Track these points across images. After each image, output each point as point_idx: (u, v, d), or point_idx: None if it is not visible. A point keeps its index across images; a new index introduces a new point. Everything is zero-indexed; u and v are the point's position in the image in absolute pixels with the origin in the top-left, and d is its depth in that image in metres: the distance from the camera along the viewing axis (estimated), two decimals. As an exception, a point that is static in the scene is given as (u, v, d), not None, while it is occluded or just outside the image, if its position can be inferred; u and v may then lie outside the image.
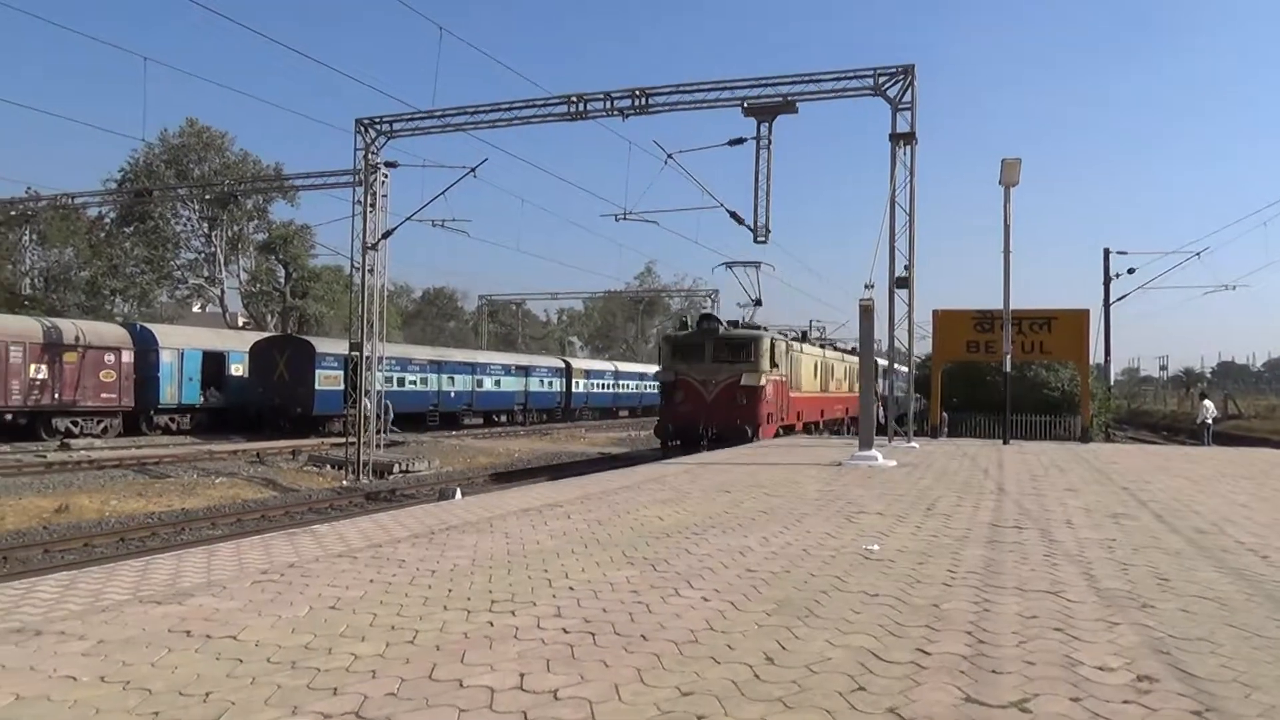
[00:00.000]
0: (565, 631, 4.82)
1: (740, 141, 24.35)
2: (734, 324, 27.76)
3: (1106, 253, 39.21)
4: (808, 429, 31.51)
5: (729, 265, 29.01)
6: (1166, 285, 70.35)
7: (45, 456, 25.49)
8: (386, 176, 26.87)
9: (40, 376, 29.57)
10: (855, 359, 32.49)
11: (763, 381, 25.77)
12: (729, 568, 6.56)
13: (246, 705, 3.70)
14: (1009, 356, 23.66)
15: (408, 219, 27.27)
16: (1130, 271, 38.71)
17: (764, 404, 25.94)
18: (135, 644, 4.55)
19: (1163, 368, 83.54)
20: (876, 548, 7.40)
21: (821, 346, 37.25)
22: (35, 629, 4.82)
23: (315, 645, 4.55)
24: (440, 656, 4.38)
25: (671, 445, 25.78)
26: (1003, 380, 24.19)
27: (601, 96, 24.87)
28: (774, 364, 26.52)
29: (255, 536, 8.06)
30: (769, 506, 10.13)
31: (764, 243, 24.46)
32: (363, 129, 26.90)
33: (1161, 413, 64.44)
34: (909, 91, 22.26)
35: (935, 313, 28.25)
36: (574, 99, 25.11)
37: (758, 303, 29.08)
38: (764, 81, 23.78)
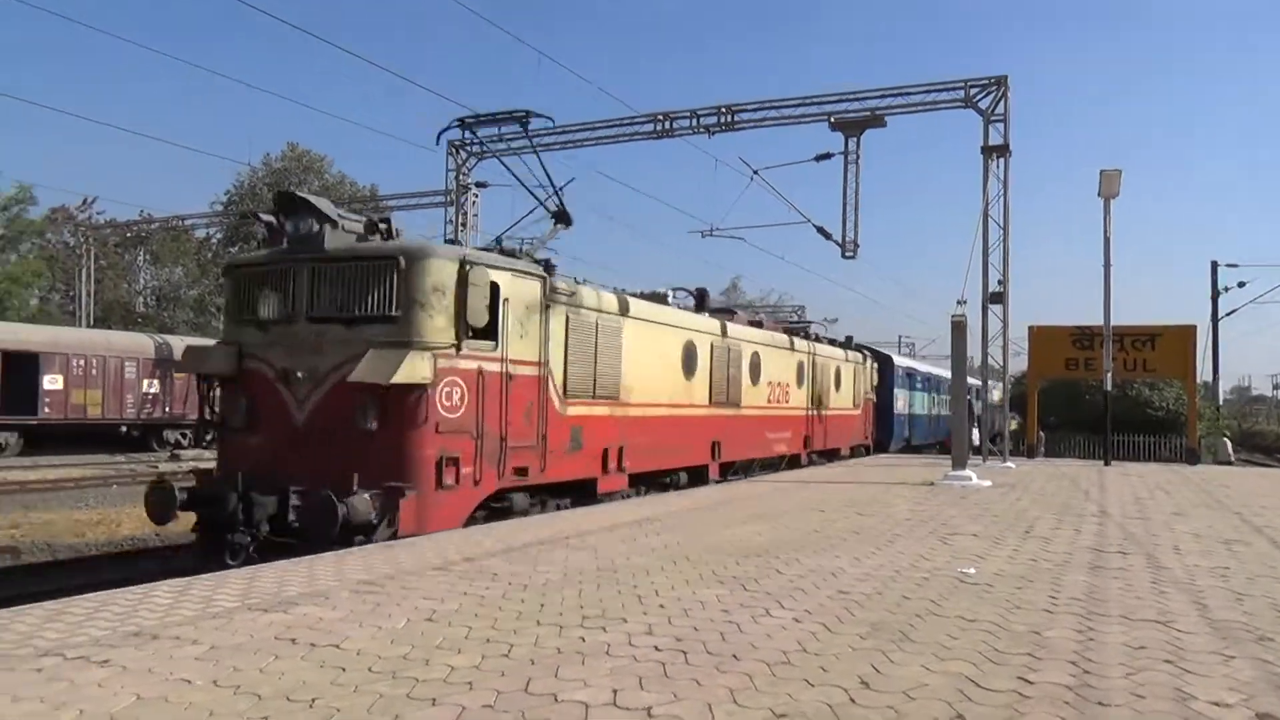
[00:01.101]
0: (657, 649, 4.83)
1: (827, 156, 24.21)
2: (375, 225, 10.02)
3: (1214, 265, 37.54)
4: (697, 477, 15.71)
5: None
6: (1280, 299, 66.68)
7: (157, 467, 26.74)
8: (477, 196, 27.50)
9: (152, 391, 31.10)
10: (853, 359, 25.44)
11: (426, 373, 9.23)
12: (820, 588, 6.48)
13: (350, 713, 3.82)
14: (1110, 374, 22.79)
15: (498, 238, 27.82)
16: (1240, 285, 36.93)
17: (430, 434, 9.40)
18: (244, 650, 4.74)
19: (1276, 386, 79.28)
20: (973, 571, 7.21)
21: (756, 324, 20.00)
22: (152, 633, 5.06)
23: (413, 656, 4.66)
24: (535, 670, 4.44)
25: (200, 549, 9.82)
26: (1103, 399, 23.29)
27: (688, 114, 25.03)
28: (495, 329, 10.17)
29: (355, 547, 8.30)
30: (859, 526, 9.97)
31: (852, 258, 24.20)
32: (454, 150, 27.60)
33: (1275, 433, 61.04)
34: (1002, 103, 21.78)
35: (1031, 329, 27.32)
36: (661, 117, 25.32)
37: None
38: (851, 96, 23.61)
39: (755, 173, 24.06)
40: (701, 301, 17.85)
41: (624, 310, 13.15)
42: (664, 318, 14.58)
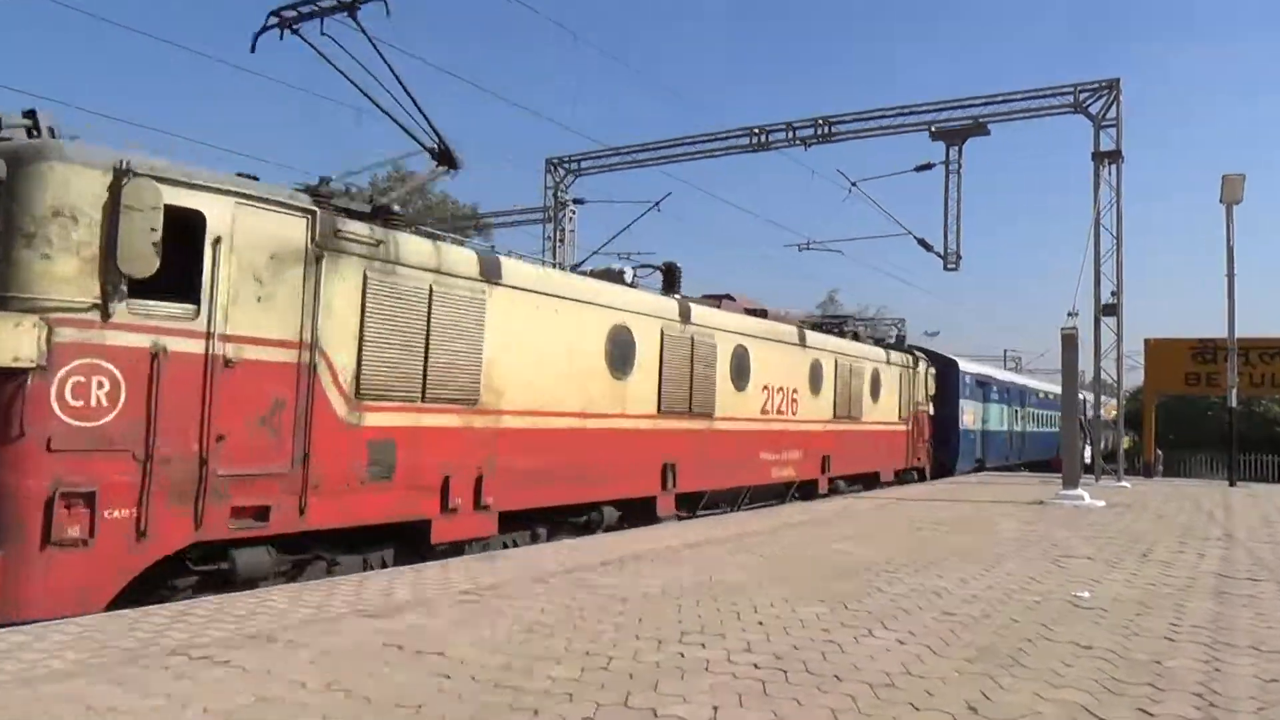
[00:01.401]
0: (756, 667, 4.79)
1: (928, 167, 23.68)
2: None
3: (1352, 274, 35.08)
4: (642, 513, 11.66)
5: None
6: None
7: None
8: (574, 213, 27.88)
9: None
10: (898, 361, 20.21)
11: (28, 352, 5.84)
12: (924, 609, 6.32)
13: (455, 720, 3.90)
14: (1234, 390, 21.57)
15: (594, 253, 28.11)
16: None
17: (33, 453, 5.86)
18: (354, 655, 4.89)
19: None
20: (1087, 595, 6.92)
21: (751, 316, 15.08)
22: (269, 635, 5.28)
23: (515, 666, 4.73)
24: (634, 684, 4.45)
25: None
26: (1228, 415, 22.05)
27: (783, 127, 24.85)
28: (196, 286, 6.72)
29: (458, 557, 8.49)
30: (964, 546, 9.68)
31: (954, 269, 23.58)
32: (552, 168, 28.10)
33: None
34: (1114, 107, 20.95)
35: (1147, 342, 26.05)
36: (756, 130, 25.22)
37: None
38: (952, 104, 23.08)
39: (853, 185, 23.69)
40: (671, 281, 13.48)
41: (489, 275, 9.11)
42: (572, 290, 10.43)
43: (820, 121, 24.42)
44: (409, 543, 8.43)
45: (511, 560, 8.28)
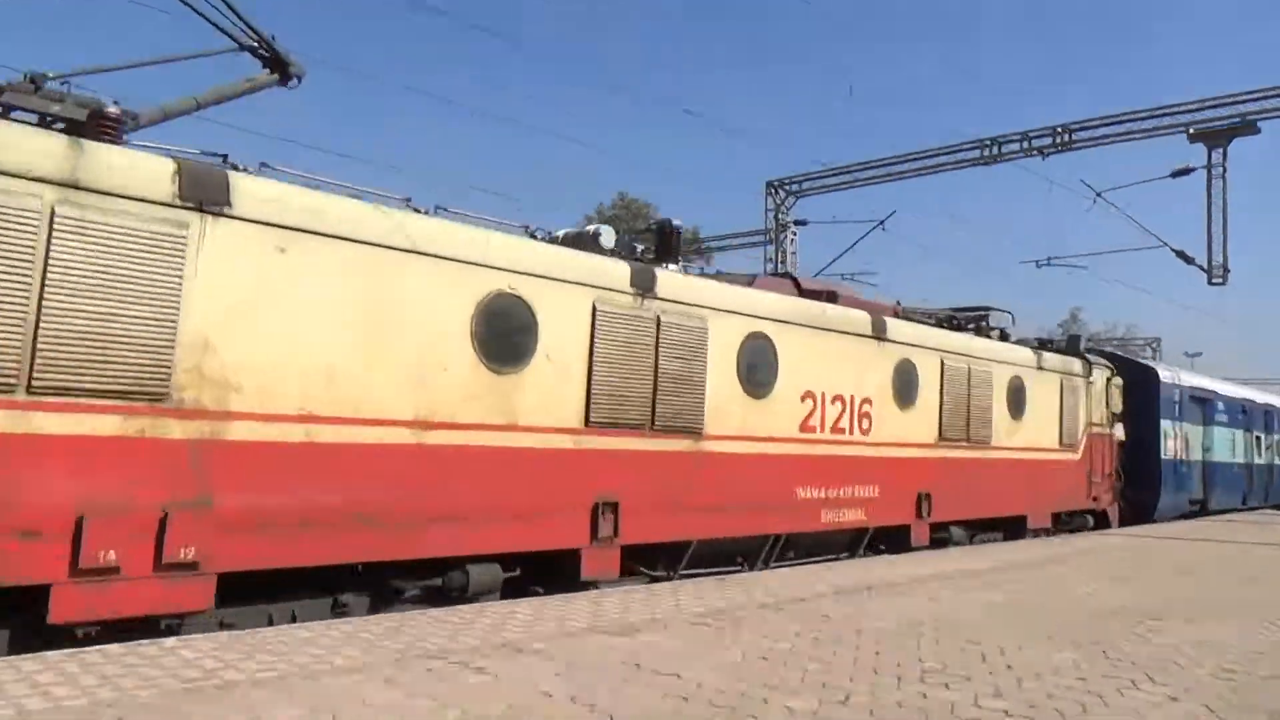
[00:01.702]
0: (1007, 715, 4.52)
1: (1186, 172, 21.68)
2: None
3: None
4: (548, 574, 8.04)
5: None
6: None
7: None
8: (795, 234, 27.73)
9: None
10: (1056, 366, 15.19)
11: None
12: (1199, 664, 5.71)
13: (697, 744, 3.95)
14: None
15: (818, 274, 27.86)
16: None
17: None
18: (596, 670, 5.07)
19: None
20: (1404, 659, 5.98)
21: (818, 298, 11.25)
22: (517, 646, 5.57)
23: (750, 694, 4.72)
24: (875, 722, 4.32)
25: None
26: None
27: (1018, 137, 23.62)
28: None
29: (687, 581, 8.61)
30: (1246, 595, 8.68)
31: (1221, 283, 21.39)
32: (772, 190, 28.13)
33: None
34: None
35: None
36: (987, 142, 24.11)
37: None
38: (1213, 102, 21.07)
39: (1098, 195, 22.04)
40: (667, 246, 9.69)
41: (199, 193, 5.94)
42: (400, 235, 6.91)
43: (1059, 130, 22.99)
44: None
45: (739, 585, 8.28)
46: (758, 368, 9.66)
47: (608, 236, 8.94)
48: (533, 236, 8.49)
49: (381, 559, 6.75)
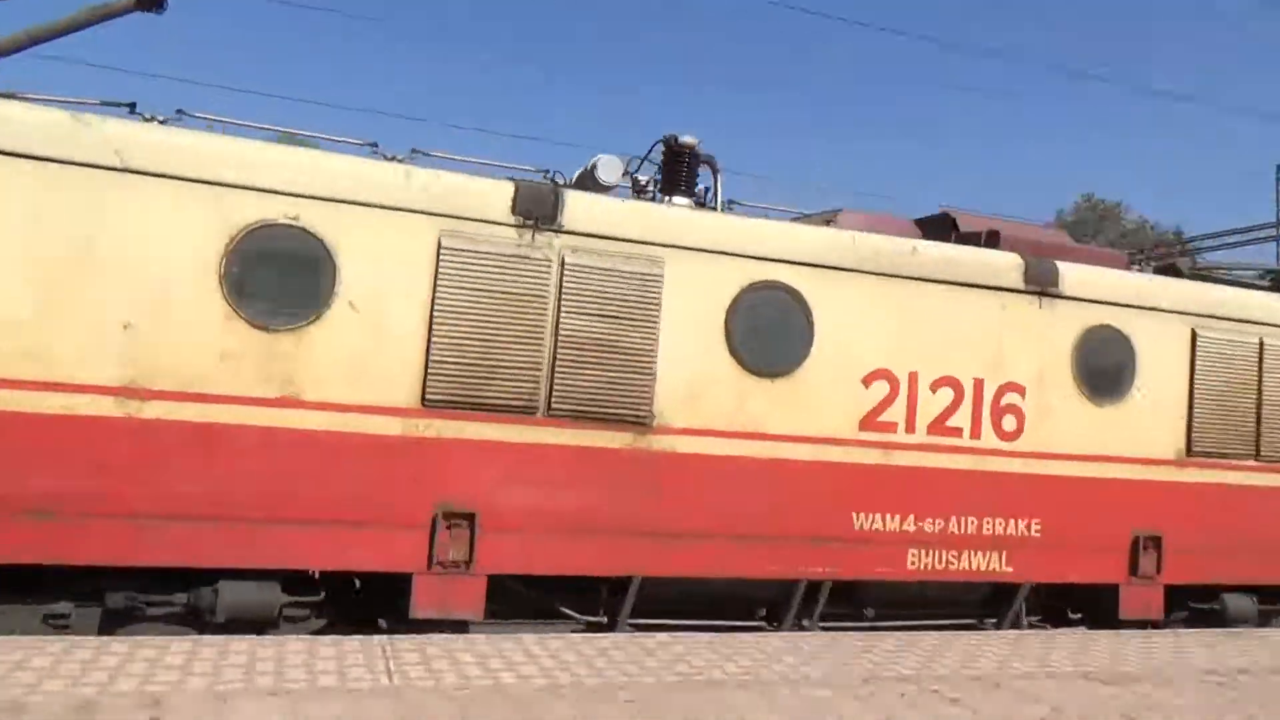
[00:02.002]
0: None
1: None
2: None
3: None
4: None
5: None
6: None
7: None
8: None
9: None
10: None
11: None
12: None
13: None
14: None
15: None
16: None
17: None
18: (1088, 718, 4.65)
19: None
20: None
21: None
22: (994, 681, 5.30)
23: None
24: None
25: None
26: None
27: None
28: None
29: (1192, 629, 7.54)
30: None
31: None
32: (1288, 174, 23.64)
33: None
34: None
35: None
36: None
37: None
38: None
39: None
40: (674, 171, 7.45)
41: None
42: (96, 149, 5.49)
43: None
44: None
45: (1260, 640, 7.03)
46: (771, 333, 6.86)
47: (607, 168, 6.93)
48: (553, 182, 6.82)
49: (63, 561, 5.39)
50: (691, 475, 6.60)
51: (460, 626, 5.98)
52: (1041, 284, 7.60)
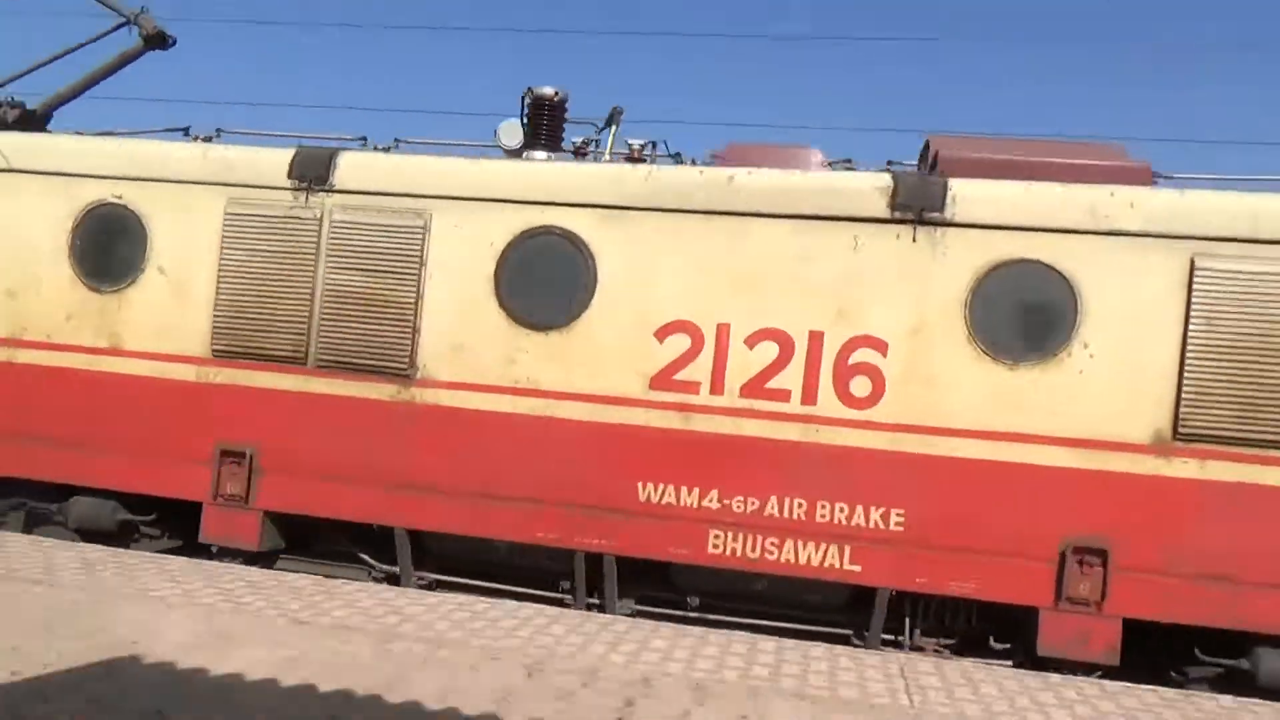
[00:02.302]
0: None
1: None
2: None
3: None
4: None
5: None
6: None
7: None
8: None
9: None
10: None
11: None
12: None
13: None
14: None
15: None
16: None
17: None
18: None
19: None
20: None
21: None
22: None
23: None
24: None
25: None
26: None
27: None
28: None
29: None
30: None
31: None
32: None
33: None
34: None
35: None
36: None
37: None
38: None
39: None
40: (537, 123, 7.05)
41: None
42: None
43: None
44: None
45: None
46: (545, 282, 6.42)
47: (507, 132, 6.86)
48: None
49: None
50: (456, 430, 6.52)
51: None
52: (918, 209, 5.93)
